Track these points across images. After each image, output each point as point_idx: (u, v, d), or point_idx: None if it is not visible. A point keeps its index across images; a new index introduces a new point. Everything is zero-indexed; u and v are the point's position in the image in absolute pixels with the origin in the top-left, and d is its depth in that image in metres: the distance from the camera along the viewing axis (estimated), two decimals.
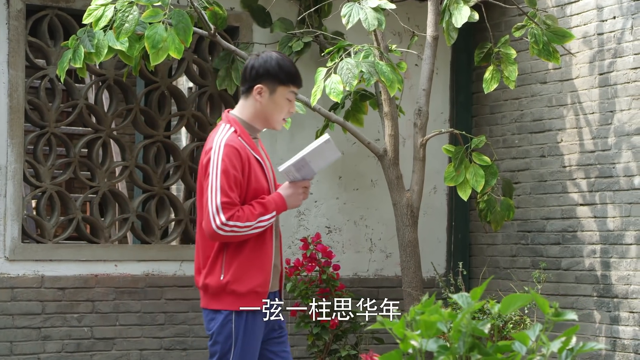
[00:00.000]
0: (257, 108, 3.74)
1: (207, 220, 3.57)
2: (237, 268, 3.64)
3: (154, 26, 4.88)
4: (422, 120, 5.72)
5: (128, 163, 6.01)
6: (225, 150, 3.60)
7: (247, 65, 3.74)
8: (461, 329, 2.02)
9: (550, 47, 5.42)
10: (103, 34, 5.06)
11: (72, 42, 5.15)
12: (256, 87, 3.71)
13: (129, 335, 5.92)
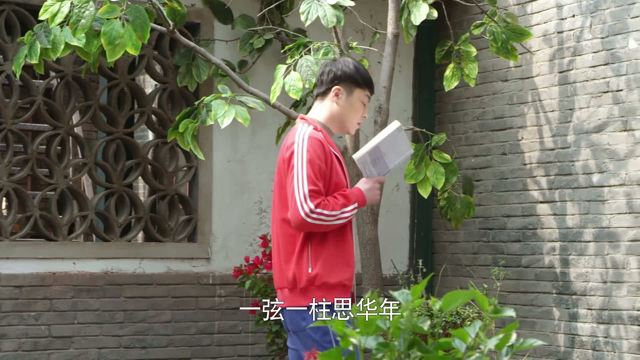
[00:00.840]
0: (334, 110, 3.77)
1: (295, 209, 3.59)
2: (324, 261, 3.65)
3: (111, 22, 4.84)
4: (383, 118, 5.71)
5: (87, 160, 5.97)
6: (310, 142, 3.64)
7: (324, 70, 3.78)
8: (400, 326, 2.01)
9: (509, 45, 5.43)
10: (60, 30, 5.01)
11: (27, 38, 5.09)
12: (334, 89, 3.75)
13: (87, 334, 5.88)
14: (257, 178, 6.43)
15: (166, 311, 6.09)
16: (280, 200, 3.71)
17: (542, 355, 6.04)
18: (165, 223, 6.16)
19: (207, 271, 6.22)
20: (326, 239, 3.66)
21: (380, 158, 3.76)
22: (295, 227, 3.61)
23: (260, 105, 5.38)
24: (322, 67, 3.82)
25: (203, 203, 6.24)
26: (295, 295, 3.64)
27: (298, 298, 3.64)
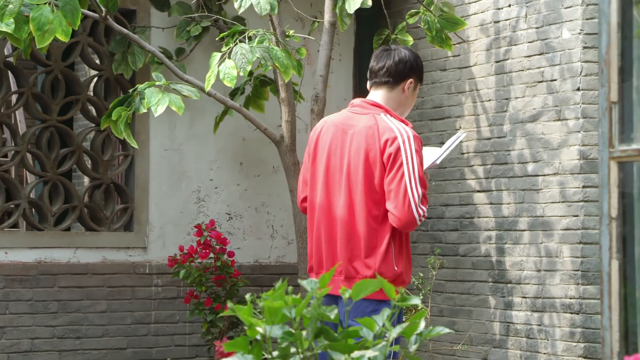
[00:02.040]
0: (402, 101, 3.95)
1: (409, 209, 3.72)
2: (405, 261, 3.81)
3: (40, 8, 4.75)
4: (320, 107, 5.69)
5: (19, 148, 5.87)
6: (416, 141, 3.84)
7: (401, 58, 3.93)
8: (306, 315, 2.00)
9: (443, 34, 5.43)
10: None
11: None
12: (409, 81, 3.94)
13: (19, 324, 5.80)
14: (195, 167, 6.38)
15: (101, 301, 6.02)
16: (368, 193, 3.77)
17: (478, 344, 6.08)
18: (101, 212, 6.09)
19: (144, 260, 6.16)
20: (404, 239, 3.84)
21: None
22: (402, 226, 3.74)
23: (195, 94, 5.33)
24: (396, 55, 3.94)
25: (139, 192, 6.18)
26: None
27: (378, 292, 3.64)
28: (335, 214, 3.81)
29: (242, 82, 6.11)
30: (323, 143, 3.94)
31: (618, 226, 1.89)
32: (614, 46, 1.89)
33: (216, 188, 6.44)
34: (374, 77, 3.97)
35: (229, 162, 6.49)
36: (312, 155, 3.97)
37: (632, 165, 1.90)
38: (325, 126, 4.00)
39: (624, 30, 1.89)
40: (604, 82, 1.92)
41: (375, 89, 3.98)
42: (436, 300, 6.35)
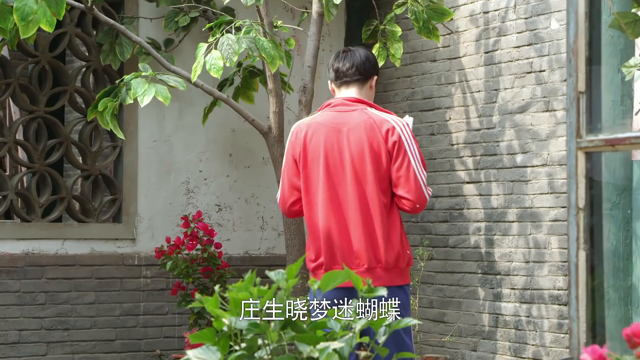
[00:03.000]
0: (370, 96, 4.20)
1: (421, 191, 4.00)
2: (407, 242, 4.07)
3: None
4: (307, 98, 5.67)
5: (6, 139, 5.86)
6: (411, 130, 4.12)
7: (366, 56, 4.17)
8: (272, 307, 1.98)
9: (430, 24, 5.41)
10: None
11: None
12: (375, 77, 4.20)
13: (7, 316, 5.78)
14: (184, 158, 6.37)
15: (90, 292, 6.01)
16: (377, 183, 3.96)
17: (468, 335, 6.07)
18: (89, 203, 6.07)
19: (133, 252, 6.15)
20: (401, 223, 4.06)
21: None
22: (415, 209, 3.99)
23: (182, 84, 5.31)
24: (360, 53, 4.17)
25: (128, 183, 6.16)
26: (394, 275, 3.96)
27: (397, 277, 3.94)
28: (346, 209, 3.96)
29: (231, 73, 6.09)
30: (314, 144, 4.06)
31: (585, 217, 1.88)
32: (581, 35, 1.87)
33: (205, 179, 6.42)
34: (342, 76, 4.16)
35: (219, 153, 6.47)
36: (303, 158, 4.07)
37: (600, 155, 1.89)
38: (310, 128, 4.10)
39: (591, 19, 1.88)
40: (571, 72, 1.91)
41: (345, 87, 4.17)
42: (426, 291, 6.34)
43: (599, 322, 1.91)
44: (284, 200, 4.14)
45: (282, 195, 4.15)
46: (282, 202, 4.15)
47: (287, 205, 4.13)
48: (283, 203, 4.15)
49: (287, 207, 4.14)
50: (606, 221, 5.21)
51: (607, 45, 5.28)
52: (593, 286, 1.92)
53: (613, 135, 1.84)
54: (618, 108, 5.26)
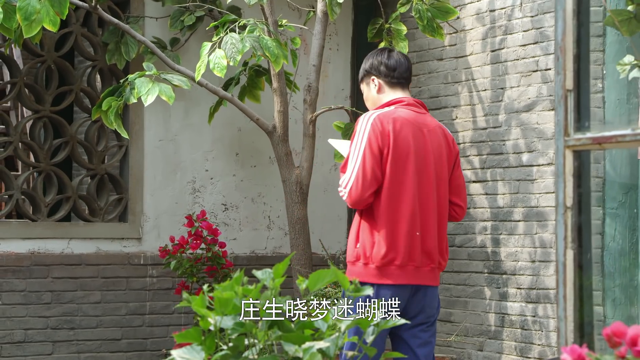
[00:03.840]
0: None
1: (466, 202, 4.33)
2: None
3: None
4: (312, 97, 5.66)
5: (12, 139, 5.87)
6: None
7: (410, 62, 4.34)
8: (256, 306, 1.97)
9: (434, 23, 5.39)
10: None
11: None
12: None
13: (13, 315, 5.80)
14: (190, 157, 6.36)
15: (95, 292, 6.02)
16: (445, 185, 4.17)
17: (474, 335, 6.04)
18: (95, 203, 6.08)
19: (138, 251, 6.15)
20: None
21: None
22: (460, 218, 4.30)
23: (186, 83, 5.31)
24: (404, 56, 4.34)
25: (134, 182, 6.16)
26: (437, 276, 4.21)
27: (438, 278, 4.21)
28: (427, 209, 4.11)
29: (236, 72, 6.08)
30: (404, 139, 4.10)
31: (573, 215, 1.86)
32: (569, 33, 1.85)
33: (212, 179, 6.42)
34: (400, 77, 4.28)
35: (225, 152, 6.46)
36: (392, 150, 4.08)
37: (588, 154, 1.87)
38: (398, 123, 4.14)
39: (579, 17, 1.85)
40: (559, 70, 1.89)
41: (401, 88, 4.29)
42: None
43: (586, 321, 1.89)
44: (363, 189, 4.01)
45: (361, 184, 4.01)
46: (359, 191, 4.01)
47: (366, 195, 4.02)
48: (360, 192, 4.01)
49: (364, 197, 4.02)
50: (612, 220, 5.18)
51: (613, 43, 5.25)
52: (581, 285, 1.90)
53: (600, 133, 1.82)
54: (624, 106, 5.23)
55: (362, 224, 4.06)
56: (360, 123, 4.13)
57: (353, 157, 4.06)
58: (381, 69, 4.26)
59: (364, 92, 4.36)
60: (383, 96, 4.26)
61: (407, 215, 4.04)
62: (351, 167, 4.04)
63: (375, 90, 4.27)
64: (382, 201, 4.02)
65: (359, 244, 4.03)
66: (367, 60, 4.35)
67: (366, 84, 4.32)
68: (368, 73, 4.30)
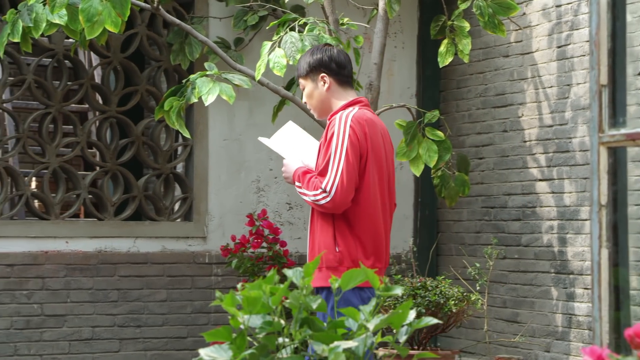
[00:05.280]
0: None
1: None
2: None
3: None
4: (374, 95, 5.63)
5: (79, 139, 5.96)
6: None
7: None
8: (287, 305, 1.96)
9: (495, 19, 5.31)
10: (42, 8, 5.00)
11: (10, 16, 5.09)
12: None
13: (80, 312, 5.89)
14: (254, 157, 6.39)
15: (161, 290, 6.08)
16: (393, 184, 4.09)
17: (541, 335, 5.95)
18: (160, 202, 6.15)
19: (203, 250, 6.19)
20: None
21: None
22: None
23: (247, 83, 5.33)
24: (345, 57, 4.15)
25: (199, 182, 6.21)
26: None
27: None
28: (388, 210, 4.06)
29: None
30: (376, 143, 4.01)
31: (608, 213, 1.80)
32: (603, 27, 1.80)
33: (276, 178, 6.43)
34: (349, 75, 4.15)
35: None
36: (369, 155, 3.98)
37: (624, 150, 1.81)
38: (369, 125, 4.02)
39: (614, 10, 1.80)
40: (593, 65, 1.83)
41: (350, 87, 4.15)
42: (499, 291, 6.24)
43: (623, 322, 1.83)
44: (348, 192, 3.90)
45: (346, 187, 3.90)
46: (345, 194, 3.89)
47: (349, 198, 3.92)
48: (345, 195, 3.89)
49: (348, 200, 3.92)
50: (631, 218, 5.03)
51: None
52: (617, 285, 1.85)
53: (634, 129, 1.76)
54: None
55: (339, 227, 3.93)
56: (338, 124, 3.96)
57: (334, 159, 3.90)
58: (332, 66, 4.08)
59: (307, 88, 4.11)
60: (334, 95, 4.08)
61: (381, 218, 3.99)
62: (333, 169, 3.89)
63: (324, 87, 4.08)
64: (362, 203, 3.95)
65: (340, 248, 3.92)
66: (312, 55, 4.12)
67: (312, 80, 4.10)
68: (316, 69, 4.08)
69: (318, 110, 4.13)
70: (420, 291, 4.95)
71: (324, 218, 3.92)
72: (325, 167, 3.90)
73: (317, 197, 3.89)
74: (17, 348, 5.75)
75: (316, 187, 3.90)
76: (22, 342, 5.76)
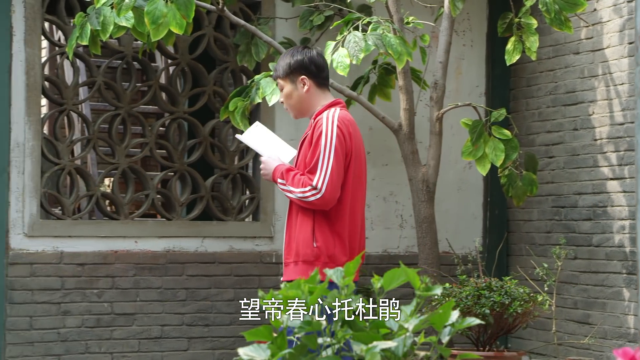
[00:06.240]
0: None
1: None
2: None
3: (154, 1, 4.87)
4: (439, 94, 5.59)
5: (147, 140, 6.04)
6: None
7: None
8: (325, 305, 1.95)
9: (562, 15, 5.22)
10: (110, 11, 5.08)
11: (78, 20, 5.18)
12: None
13: (149, 311, 5.97)
14: None
15: (229, 289, 6.12)
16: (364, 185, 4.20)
17: (613, 337, 5.83)
18: (228, 202, 6.19)
19: (270, 250, 6.22)
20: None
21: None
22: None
23: None
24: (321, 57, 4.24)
25: (265, 182, 6.24)
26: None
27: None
28: (363, 208, 4.19)
29: (365, 70, 6.07)
30: (357, 142, 4.16)
31: None
32: None
33: None
34: (326, 79, 4.23)
35: None
36: (353, 154, 4.12)
37: None
38: (351, 125, 4.18)
39: None
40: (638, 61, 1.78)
41: (327, 89, 4.25)
42: (570, 292, 6.14)
43: None
44: (337, 190, 4.02)
45: (335, 185, 4.01)
46: (334, 191, 4.00)
47: (337, 195, 4.03)
48: (335, 193, 4.01)
49: (336, 197, 4.03)
50: None
51: None
52: None
53: None
54: None
55: (319, 223, 4.01)
56: (325, 123, 4.06)
57: (324, 156, 4.00)
58: (312, 69, 4.16)
59: (286, 89, 4.18)
60: (313, 97, 4.17)
61: (359, 215, 4.13)
62: (323, 166, 4.00)
63: (303, 90, 4.16)
64: (344, 201, 4.05)
65: (318, 243, 4.00)
66: (292, 56, 4.18)
67: (291, 81, 4.16)
68: (296, 70, 4.15)
69: (296, 111, 4.23)
70: (485, 292, 4.89)
71: (304, 213, 4.02)
72: (315, 165, 4.01)
73: (305, 193, 3.99)
74: (88, 346, 5.85)
75: (304, 184, 4.00)
76: (93, 340, 5.86)
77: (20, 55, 5.67)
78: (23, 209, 5.67)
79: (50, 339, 5.77)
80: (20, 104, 5.68)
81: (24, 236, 5.69)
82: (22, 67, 5.68)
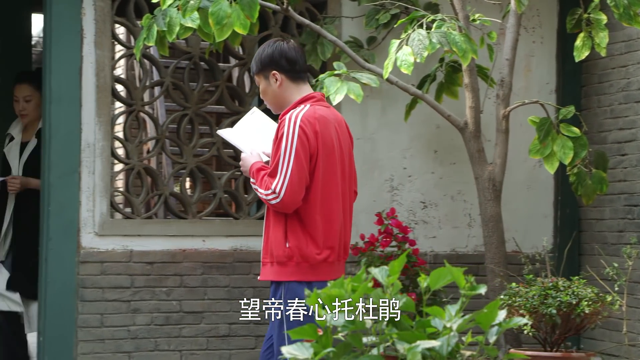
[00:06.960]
0: None
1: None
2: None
3: (218, 2, 4.91)
4: (505, 91, 5.53)
5: (215, 140, 6.10)
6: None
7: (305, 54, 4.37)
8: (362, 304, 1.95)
9: (631, 10, 5.12)
10: (176, 12, 5.14)
11: (145, 21, 5.25)
12: None
13: (217, 309, 6.02)
14: (387, 155, 6.37)
15: None
16: (353, 177, 4.17)
17: None
18: None
19: None
20: None
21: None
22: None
23: (375, 81, 5.33)
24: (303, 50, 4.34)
25: None
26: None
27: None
28: (345, 203, 4.14)
29: (432, 69, 6.04)
30: (328, 138, 4.06)
31: None
32: None
33: (410, 176, 6.40)
34: (301, 70, 4.14)
35: (423, 150, 6.43)
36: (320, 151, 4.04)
37: None
38: (322, 122, 4.06)
39: None
40: None
41: (303, 82, 4.15)
42: None
43: None
44: (297, 193, 3.97)
45: (296, 188, 3.96)
46: (294, 195, 3.96)
47: (299, 198, 3.99)
48: (295, 196, 3.97)
49: (297, 200, 3.99)
50: None
51: None
52: None
53: None
54: None
55: (291, 223, 3.99)
56: (287, 125, 3.98)
57: (284, 160, 3.95)
58: (282, 63, 4.07)
59: (261, 85, 4.14)
60: (287, 92, 4.09)
61: (337, 213, 4.06)
62: (282, 170, 3.95)
63: (276, 85, 4.09)
64: (313, 201, 4.00)
65: (290, 244, 3.98)
66: (263, 51, 4.11)
67: (264, 77, 4.11)
68: (267, 66, 4.08)
69: (274, 107, 4.18)
70: (552, 291, 4.82)
71: (275, 214, 4.03)
72: (274, 169, 3.98)
73: (268, 197, 3.99)
74: (157, 343, 5.93)
75: (267, 187, 4.00)
76: (162, 338, 5.93)
77: (90, 57, 5.78)
78: (94, 209, 5.77)
79: (121, 336, 5.86)
80: (91, 105, 5.78)
81: (94, 235, 5.80)
82: (92, 68, 5.78)
